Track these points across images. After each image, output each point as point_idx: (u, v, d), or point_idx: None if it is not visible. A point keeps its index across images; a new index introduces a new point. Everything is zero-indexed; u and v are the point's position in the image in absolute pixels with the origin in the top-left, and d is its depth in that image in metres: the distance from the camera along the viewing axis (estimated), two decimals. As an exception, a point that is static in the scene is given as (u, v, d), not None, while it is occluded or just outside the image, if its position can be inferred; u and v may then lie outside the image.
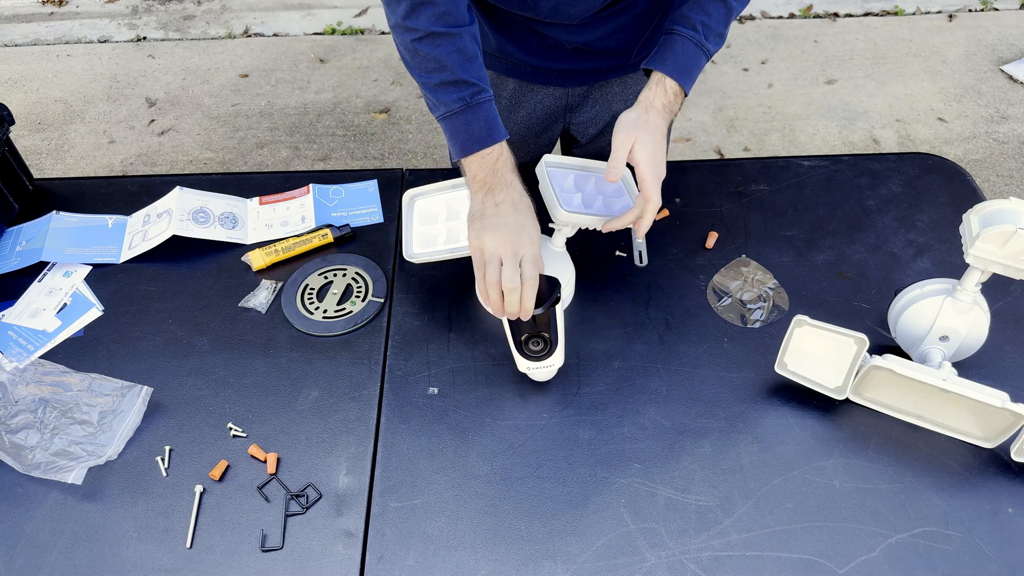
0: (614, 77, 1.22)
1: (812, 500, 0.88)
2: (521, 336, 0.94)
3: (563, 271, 1.05)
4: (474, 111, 0.94)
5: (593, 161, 1.09)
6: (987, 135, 2.62)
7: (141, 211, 1.22)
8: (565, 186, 1.05)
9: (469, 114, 0.94)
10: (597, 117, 1.27)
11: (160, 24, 3.34)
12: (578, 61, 1.16)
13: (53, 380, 0.99)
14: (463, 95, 0.93)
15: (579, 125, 1.30)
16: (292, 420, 0.96)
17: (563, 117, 1.29)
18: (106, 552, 0.86)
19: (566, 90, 1.23)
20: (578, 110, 1.27)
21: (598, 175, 1.07)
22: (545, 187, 1.02)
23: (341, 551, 0.85)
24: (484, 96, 0.95)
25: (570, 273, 1.06)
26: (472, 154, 0.95)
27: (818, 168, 1.26)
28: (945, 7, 3.19)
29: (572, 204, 1.02)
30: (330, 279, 1.12)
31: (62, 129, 2.82)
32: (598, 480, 0.90)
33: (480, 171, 0.95)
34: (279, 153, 2.68)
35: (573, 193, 1.05)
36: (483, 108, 0.94)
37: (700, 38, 0.98)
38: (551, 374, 0.98)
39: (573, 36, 1.11)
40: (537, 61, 1.17)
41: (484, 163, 0.95)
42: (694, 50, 0.99)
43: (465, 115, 0.94)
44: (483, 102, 0.94)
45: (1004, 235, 0.81)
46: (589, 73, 1.19)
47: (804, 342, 0.93)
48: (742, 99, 2.81)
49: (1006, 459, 0.90)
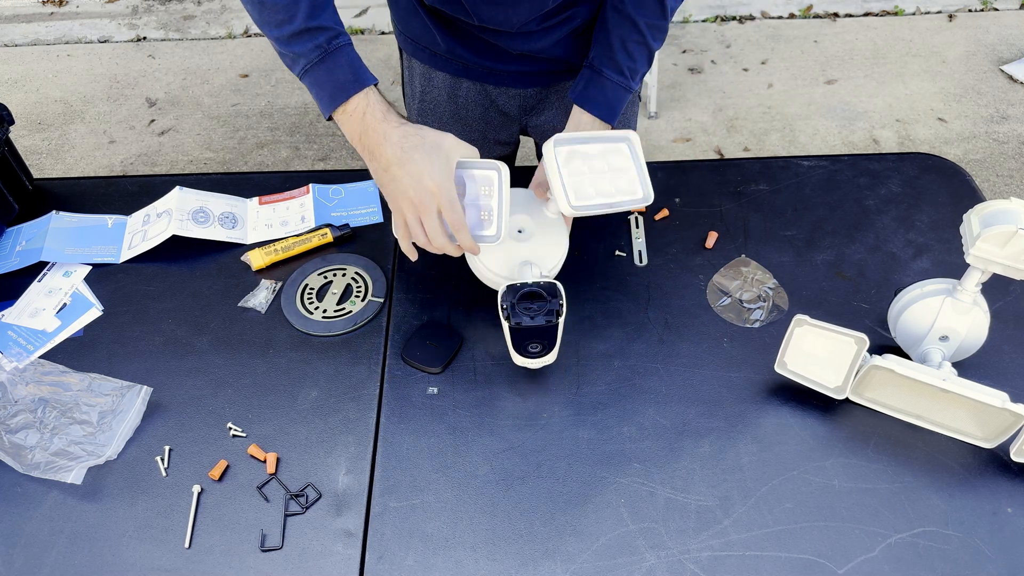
0: (568, 80, 1.20)
1: (812, 500, 0.88)
2: (520, 342, 0.94)
3: (557, 240, 1.02)
4: (335, 57, 0.88)
5: (607, 131, 1.04)
6: (987, 135, 2.62)
7: (141, 211, 1.22)
8: (574, 168, 0.98)
9: (330, 61, 0.88)
10: (555, 119, 1.25)
11: (160, 24, 3.34)
12: (528, 65, 1.15)
13: (53, 380, 0.99)
14: (319, 42, 0.88)
15: (537, 128, 1.28)
16: (292, 420, 0.96)
17: (519, 119, 1.27)
18: (105, 552, 0.86)
19: (521, 91, 1.21)
20: (535, 113, 1.25)
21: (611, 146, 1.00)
22: (553, 175, 0.96)
23: (341, 551, 0.85)
24: (343, 39, 0.89)
25: (565, 242, 1.03)
26: (340, 106, 0.88)
27: (818, 168, 1.26)
28: (945, 7, 3.19)
29: (581, 194, 0.97)
30: (330, 279, 1.12)
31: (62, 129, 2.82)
32: (598, 480, 0.90)
33: (353, 130, 0.89)
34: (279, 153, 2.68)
35: (584, 176, 0.98)
36: (344, 52, 0.89)
37: (628, 82, 1.05)
38: (546, 363, 0.97)
39: (517, 44, 1.10)
40: (488, 63, 1.15)
41: (352, 120, 0.89)
42: (623, 94, 1.05)
43: (327, 63, 0.88)
44: (342, 46, 0.89)
45: (1004, 235, 0.81)
46: (541, 75, 1.18)
47: (804, 342, 0.93)
48: (742, 99, 2.81)
49: (1006, 459, 0.90)
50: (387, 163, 0.88)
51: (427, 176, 0.86)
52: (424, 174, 0.86)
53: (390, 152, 0.87)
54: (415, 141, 0.87)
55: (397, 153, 0.87)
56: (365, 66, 0.91)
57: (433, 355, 1.01)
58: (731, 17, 3.23)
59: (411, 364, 1.01)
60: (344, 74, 0.88)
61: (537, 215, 1.03)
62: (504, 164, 0.94)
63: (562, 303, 0.92)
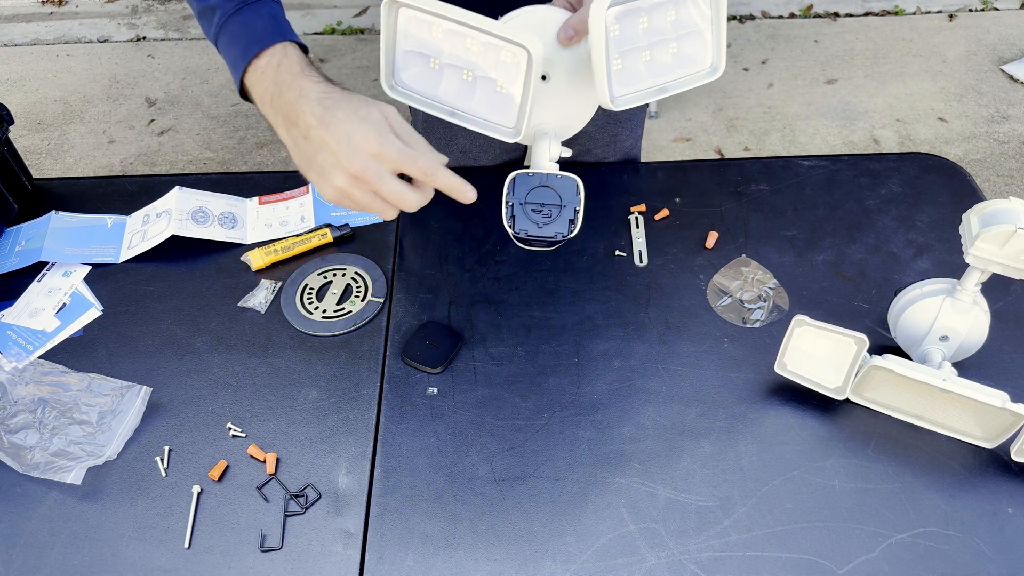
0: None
1: (812, 500, 0.88)
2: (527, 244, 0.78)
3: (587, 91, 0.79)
4: (255, 8, 0.75)
5: None
6: (987, 135, 2.62)
7: (140, 211, 1.22)
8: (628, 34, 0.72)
9: (249, 12, 0.74)
10: None
11: (160, 24, 3.34)
12: None
13: (52, 380, 0.99)
14: None
15: None
16: (291, 420, 0.96)
17: None
18: (105, 552, 0.86)
19: None
20: None
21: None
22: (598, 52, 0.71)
23: (340, 551, 0.85)
24: None
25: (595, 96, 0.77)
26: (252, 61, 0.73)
27: (818, 168, 1.26)
28: (945, 7, 3.19)
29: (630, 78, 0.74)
30: (329, 279, 1.12)
31: (62, 129, 2.82)
32: (598, 480, 0.90)
33: (264, 92, 0.72)
34: (279, 153, 2.68)
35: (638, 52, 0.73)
36: (266, 5, 0.76)
37: None
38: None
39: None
40: None
41: (264, 79, 0.72)
42: None
43: (244, 12, 0.74)
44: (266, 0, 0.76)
45: (1004, 235, 0.81)
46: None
47: (804, 342, 0.93)
48: (742, 99, 2.81)
49: (1006, 459, 0.90)
50: (307, 127, 0.69)
51: (359, 134, 0.67)
52: (355, 132, 0.67)
53: (308, 111, 0.69)
54: (339, 97, 0.70)
55: (317, 111, 0.68)
56: (289, 25, 0.77)
57: (433, 355, 1.01)
58: (731, 17, 3.22)
59: (411, 364, 1.01)
60: (264, 24, 0.74)
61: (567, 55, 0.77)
62: (538, 43, 0.68)
63: (579, 209, 0.75)
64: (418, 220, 1.20)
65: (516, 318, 1.06)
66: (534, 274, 1.11)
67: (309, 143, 0.69)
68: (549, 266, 1.12)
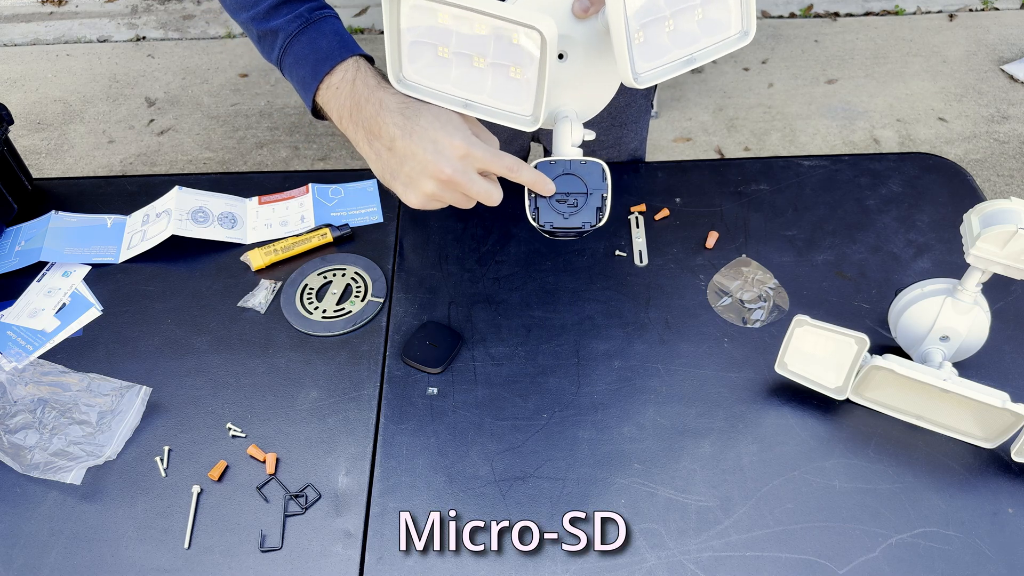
0: None
1: (812, 500, 0.87)
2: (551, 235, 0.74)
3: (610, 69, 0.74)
4: (318, 26, 0.76)
5: None
6: (988, 135, 2.62)
7: (140, 211, 1.22)
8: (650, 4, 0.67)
9: (312, 30, 0.75)
10: None
11: (159, 24, 3.34)
12: None
13: (52, 380, 0.99)
14: (299, 11, 0.76)
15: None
16: (291, 420, 0.96)
17: None
18: (105, 552, 0.86)
19: None
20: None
21: None
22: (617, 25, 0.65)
23: (340, 551, 0.85)
24: (328, 11, 0.78)
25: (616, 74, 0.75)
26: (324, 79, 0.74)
27: (818, 168, 1.26)
28: (946, 7, 3.19)
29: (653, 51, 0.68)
30: (329, 279, 1.12)
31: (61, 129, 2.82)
32: (598, 480, 0.90)
33: (341, 107, 0.73)
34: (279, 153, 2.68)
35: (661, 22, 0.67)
36: (328, 22, 0.77)
37: None
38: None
39: None
40: None
41: (340, 95, 0.73)
42: None
43: (309, 32, 0.75)
44: (328, 16, 0.77)
45: (1005, 235, 0.81)
46: None
47: (804, 342, 0.93)
48: (742, 99, 2.81)
49: (1006, 459, 0.90)
50: (390, 139, 0.70)
51: (444, 140, 0.68)
52: (440, 139, 0.68)
53: (391, 122, 0.70)
54: (418, 106, 0.70)
55: (400, 122, 0.69)
56: (354, 40, 0.77)
57: (433, 355, 1.01)
58: (731, 17, 3.22)
59: (411, 364, 1.01)
60: (329, 42, 0.75)
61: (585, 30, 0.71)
62: (551, 23, 0.65)
63: (606, 196, 0.71)
64: (418, 220, 1.20)
65: (516, 318, 1.06)
66: (534, 274, 1.11)
67: (394, 154, 0.70)
68: (549, 266, 1.12)
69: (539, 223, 0.72)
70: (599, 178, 0.72)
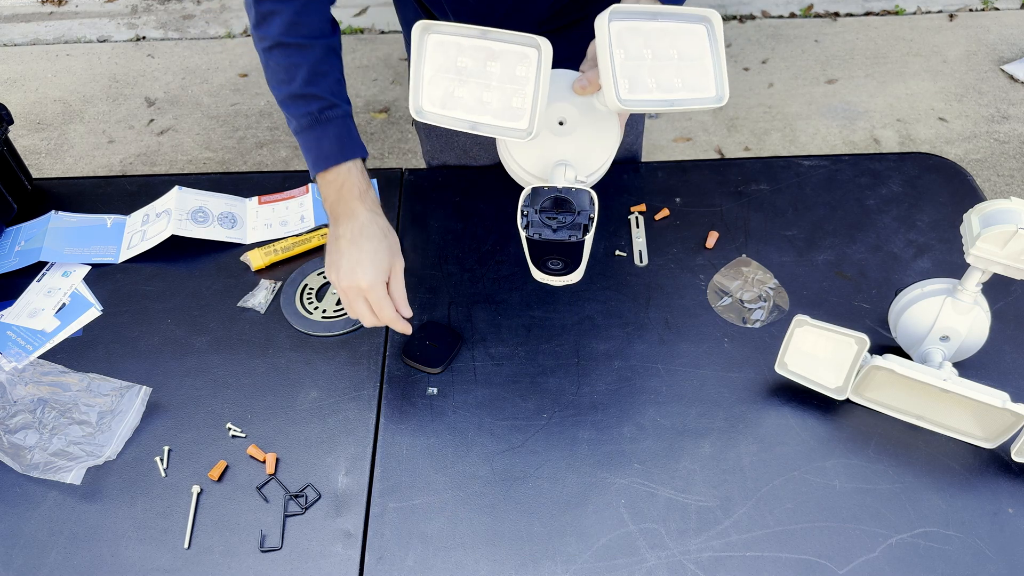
0: None
1: (812, 500, 0.87)
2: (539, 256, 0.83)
3: (604, 138, 0.86)
4: (324, 127, 0.90)
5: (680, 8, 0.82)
6: (988, 135, 2.62)
7: (140, 211, 1.22)
8: (633, 51, 0.78)
9: (319, 130, 0.90)
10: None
11: (159, 24, 3.34)
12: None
13: (52, 380, 0.99)
14: (311, 110, 0.90)
15: None
16: (291, 420, 0.96)
17: None
18: (105, 552, 0.86)
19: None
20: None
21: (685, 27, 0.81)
22: (603, 57, 0.76)
23: (340, 551, 0.85)
24: (335, 112, 0.91)
25: (613, 143, 0.87)
26: (321, 172, 0.91)
27: (818, 168, 1.26)
28: (946, 7, 3.19)
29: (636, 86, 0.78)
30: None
31: (61, 129, 2.82)
32: (598, 480, 0.90)
33: (328, 197, 0.92)
34: (278, 153, 2.68)
35: (643, 63, 0.78)
36: (334, 124, 0.91)
37: None
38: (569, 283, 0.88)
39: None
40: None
41: (330, 188, 0.91)
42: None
43: (315, 131, 0.90)
44: (334, 118, 0.91)
45: (1005, 235, 0.81)
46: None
47: (804, 342, 0.93)
48: (742, 99, 2.81)
49: (1006, 459, 0.90)
50: (340, 235, 0.90)
51: (360, 271, 0.89)
52: (360, 265, 0.89)
53: (349, 229, 0.90)
54: (373, 231, 0.90)
55: (354, 232, 0.90)
56: (356, 138, 0.92)
57: (433, 355, 1.01)
58: (731, 16, 3.22)
59: (411, 364, 1.01)
60: (330, 144, 0.90)
61: (583, 106, 0.85)
62: (547, 41, 0.77)
63: (592, 216, 0.79)
64: (418, 220, 1.20)
65: (516, 318, 1.06)
66: (534, 274, 1.11)
67: (335, 247, 0.90)
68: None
69: (528, 232, 0.80)
70: (587, 203, 0.80)
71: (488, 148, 1.29)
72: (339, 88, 0.92)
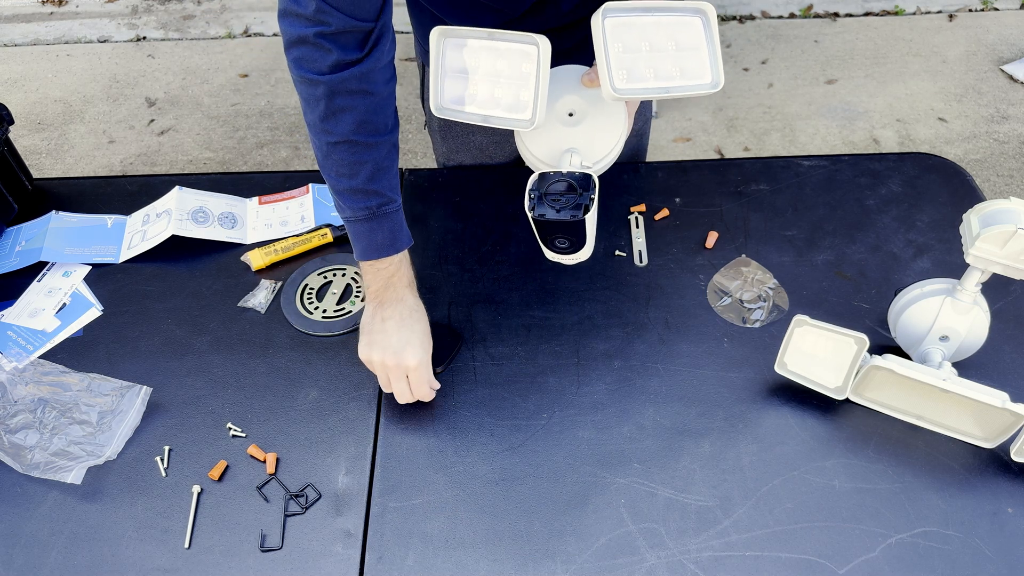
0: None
1: (812, 500, 0.88)
2: (547, 236, 0.88)
3: (610, 128, 0.92)
4: (379, 221, 0.92)
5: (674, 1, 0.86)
6: (987, 135, 2.62)
7: (140, 211, 1.22)
8: (628, 43, 0.84)
9: (374, 223, 0.92)
10: None
11: (160, 24, 3.34)
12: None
13: (52, 380, 0.99)
14: (370, 204, 0.91)
15: None
16: (291, 420, 0.96)
17: None
18: (105, 552, 0.86)
19: None
20: None
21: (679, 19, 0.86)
22: (599, 50, 0.83)
23: (340, 551, 0.85)
24: (392, 207, 0.93)
25: (618, 132, 0.92)
26: (371, 260, 0.93)
27: (818, 168, 1.26)
28: (945, 7, 3.19)
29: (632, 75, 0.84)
30: (329, 279, 1.12)
31: (62, 129, 2.82)
32: (598, 480, 0.90)
33: (374, 282, 0.95)
34: (279, 153, 2.68)
35: (638, 55, 0.84)
36: (389, 219, 0.93)
37: None
38: (580, 260, 0.93)
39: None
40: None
41: (379, 275, 0.94)
42: None
43: (370, 223, 0.92)
44: (390, 212, 0.93)
45: (1004, 235, 0.81)
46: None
47: (804, 342, 0.93)
48: (742, 99, 2.81)
49: (1006, 459, 0.90)
50: (388, 316, 0.94)
51: (415, 344, 0.93)
52: (414, 342, 0.93)
53: (398, 312, 0.94)
54: (421, 315, 0.96)
55: (404, 313, 0.94)
56: (406, 230, 0.95)
57: (434, 355, 1.01)
58: (731, 17, 3.22)
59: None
60: (383, 237, 0.93)
61: (591, 97, 0.91)
62: (545, 39, 0.84)
63: (593, 197, 0.84)
64: (418, 220, 1.20)
65: (516, 318, 1.06)
66: (534, 274, 1.11)
67: (383, 327, 0.94)
68: (549, 266, 1.12)
69: (534, 213, 0.85)
70: (588, 185, 0.84)
71: (504, 146, 1.28)
72: (395, 183, 0.93)
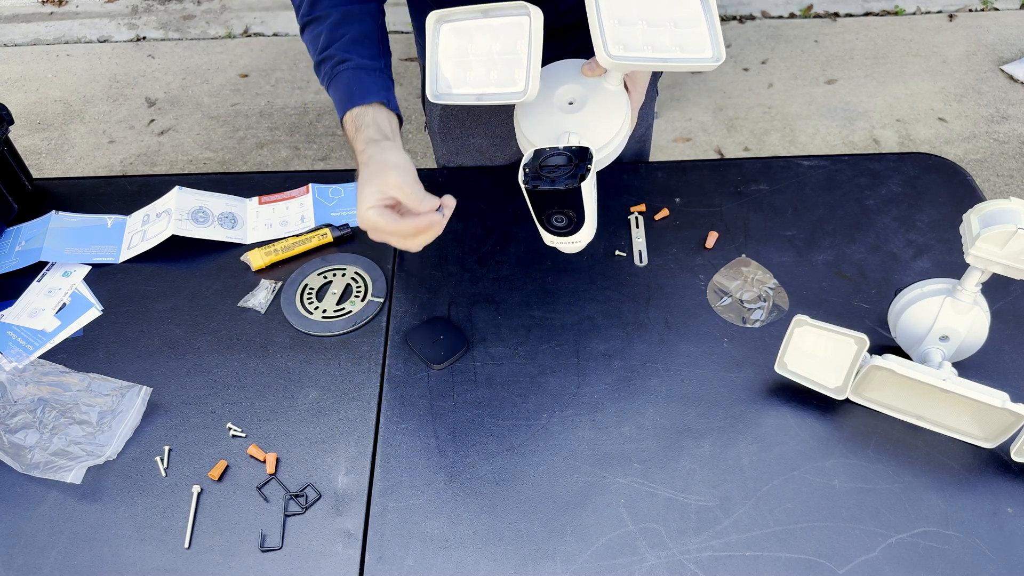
0: None
1: (812, 500, 0.88)
2: (542, 212, 0.86)
3: (611, 114, 0.91)
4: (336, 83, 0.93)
5: None
6: (987, 135, 2.62)
7: (140, 211, 1.22)
8: (625, 15, 0.85)
9: (331, 89, 0.94)
10: None
11: (160, 24, 3.34)
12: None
13: (52, 380, 0.99)
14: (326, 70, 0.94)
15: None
16: (291, 420, 0.96)
17: None
18: (105, 552, 0.86)
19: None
20: None
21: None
22: (592, 18, 0.83)
23: (340, 551, 0.85)
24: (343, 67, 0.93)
25: (619, 118, 0.91)
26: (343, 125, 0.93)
27: (818, 168, 1.26)
28: (945, 7, 3.19)
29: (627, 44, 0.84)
30: (329, 279, 1.12)
31: (62, 129, 2.82)
32: (598, 480, 0.90)
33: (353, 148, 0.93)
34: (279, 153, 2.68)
35: (634, 27, 0.85)
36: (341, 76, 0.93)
37: None
38: (580, 247, 0.91)
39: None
40: None
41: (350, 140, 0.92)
42: None
43: (330, 91, 0.94)
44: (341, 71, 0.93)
45: (1004, 235, 0.81)
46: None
47: (804, 342, 0.93)
48: (742, 99, 2.81)
49: (1006, 459, 0.90)
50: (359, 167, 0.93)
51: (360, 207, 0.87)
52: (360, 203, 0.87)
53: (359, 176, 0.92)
54: (361, 173, 0.90)
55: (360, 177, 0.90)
56: (368, 87, 0.93)
57: (437, 352, 1.01)
58: (731, 17, 3.23)
59: (412, 349, 1.01)
60: (339, 95, 0.94)
61: (592, 86, 0.91)
62: (537, 8, 0.85)
63: (589, 167, 0.81)
64: (418, 220, 1.20)
65: (516, 318, 1.06)
66: (534, 274, 1.11)
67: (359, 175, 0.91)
68: (549, 266, 1.12)
69: (528, 184, 0.83)
70: (586, 156, 0.83)
71: (504, 148, 1.28)
72: (354, 45, 0.94)
